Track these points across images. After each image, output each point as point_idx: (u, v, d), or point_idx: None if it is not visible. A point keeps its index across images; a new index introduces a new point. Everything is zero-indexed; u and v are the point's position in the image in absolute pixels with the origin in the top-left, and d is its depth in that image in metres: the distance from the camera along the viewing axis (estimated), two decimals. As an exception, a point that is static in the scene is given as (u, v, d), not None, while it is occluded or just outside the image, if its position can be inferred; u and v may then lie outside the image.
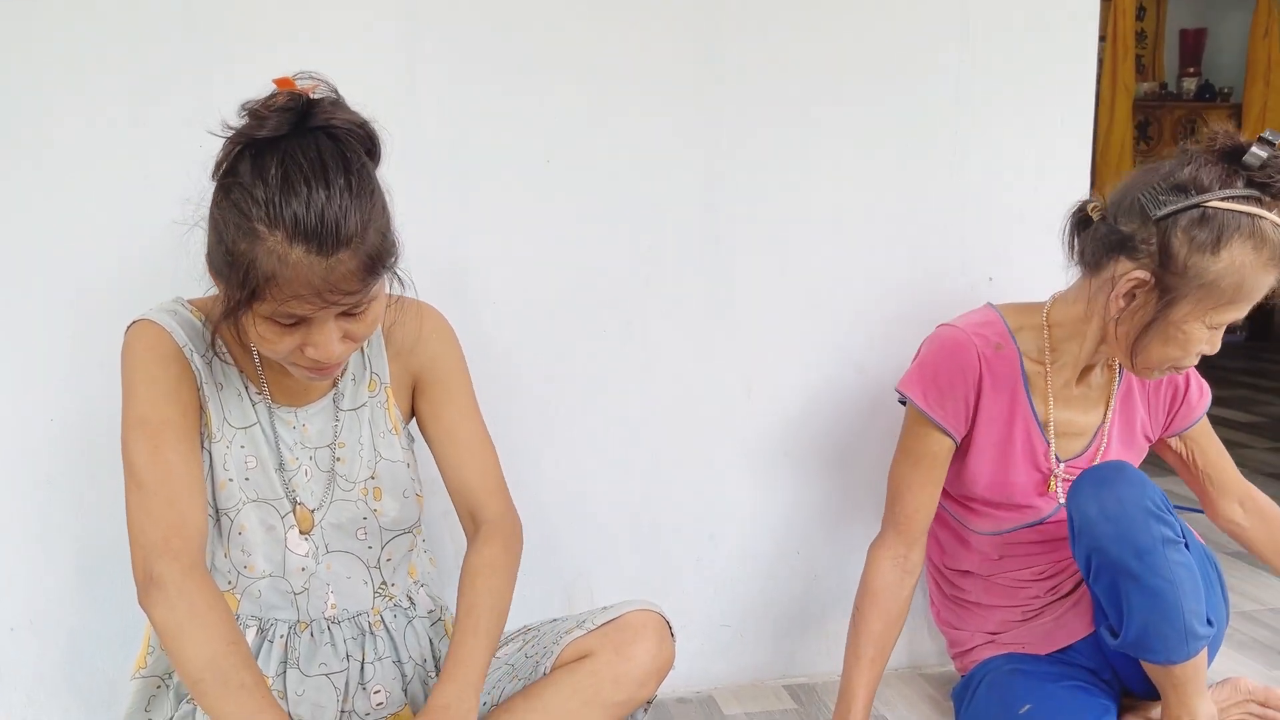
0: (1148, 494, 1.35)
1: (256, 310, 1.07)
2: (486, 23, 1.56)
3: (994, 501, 1.55)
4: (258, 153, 1.05)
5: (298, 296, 1.04)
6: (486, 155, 1.59)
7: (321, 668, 1.26)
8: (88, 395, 1.50)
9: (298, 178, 1.03)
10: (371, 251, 1.07)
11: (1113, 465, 1.41)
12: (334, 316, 1.09)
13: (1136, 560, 1.33)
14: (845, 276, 1.74)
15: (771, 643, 1.81)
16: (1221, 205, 1.33)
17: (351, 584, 1.29)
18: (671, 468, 1.73)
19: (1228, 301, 1.35)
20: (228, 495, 1.22)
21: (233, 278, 1.05)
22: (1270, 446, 3.50)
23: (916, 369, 1.54)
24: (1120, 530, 1.34)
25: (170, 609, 1.08)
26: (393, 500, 1.30)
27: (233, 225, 1.05)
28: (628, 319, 1.68)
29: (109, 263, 1.49)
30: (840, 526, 1.80)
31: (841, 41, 1.68)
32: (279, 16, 1.49)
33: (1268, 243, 1.33)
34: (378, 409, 1.31)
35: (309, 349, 1.10)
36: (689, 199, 1.67)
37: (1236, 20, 5.91)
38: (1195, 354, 1.41)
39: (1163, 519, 1.35)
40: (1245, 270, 1.33)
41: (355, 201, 1.05)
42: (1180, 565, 1.34)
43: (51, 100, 1.44)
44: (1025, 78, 1.75)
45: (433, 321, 1.34)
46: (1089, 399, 1.55)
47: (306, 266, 1.03)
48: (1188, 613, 1.34)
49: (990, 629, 1.63)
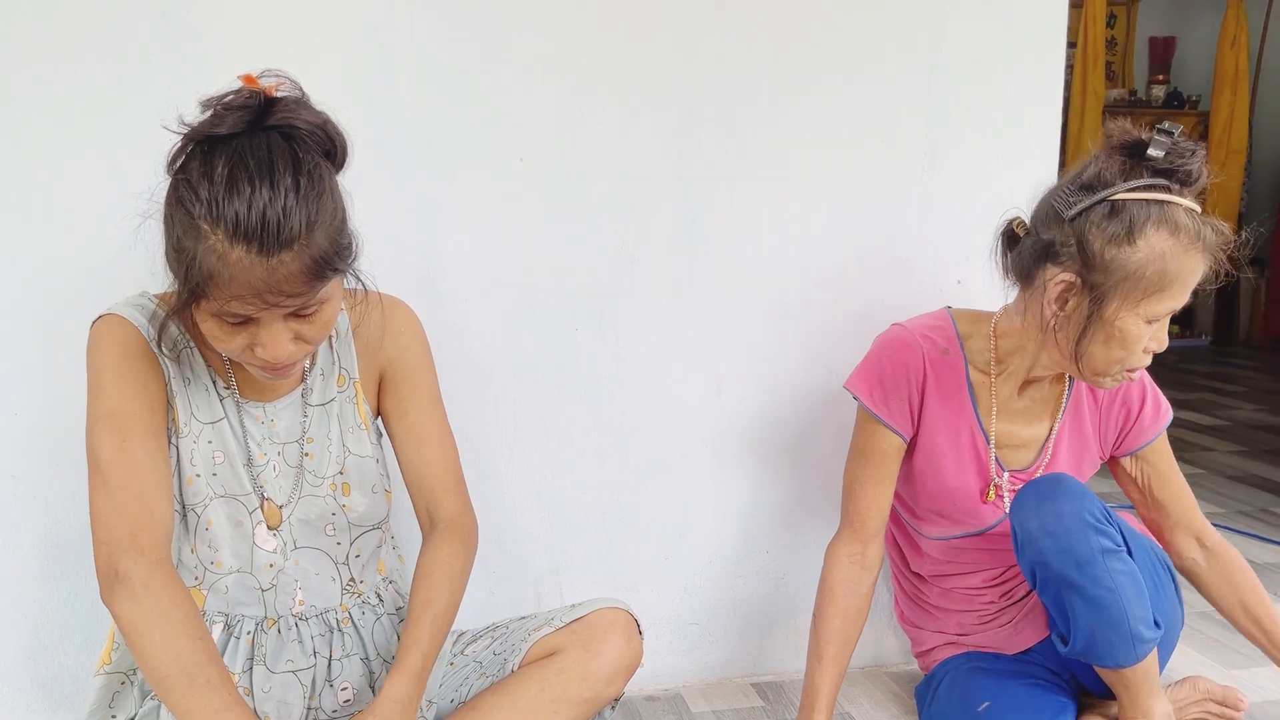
0: (1086, 506, 1.37)
1: (203, 308, 1.06)
2: (462, 17, 1.56)
3: (939, 509, 1.56)
4: (209, 150, 1.04)
5: (238, 297, 1.03)
6: (461, 151, 1.59)
7: (289, 665, 1.26)
8: (52, 389, 1.49)
9: (242, 177, 1.02)
10: (318, 254, 1.05)
11: (1051, 478, 1.42)
12: (282, 317, 1.08)
13: (1078, 572, 1.35)
14: (816, 277, 1.75)
15: (739, 640, 1.82)
16: (1129, 196, 1.34)
17: (320, 580, 1.28)
18: (642, 466, 1.74)
19: (1156, 291, 1.34)
20: (194, 491, 1.21)
21: (180, 273, 1.05)
22: (1233, 450, 3.55)
23: (862, 367, 1.55)
24: (1060, 544, 1.36)
25: (136, 605, 1.07)
26: (361, 496, 1.29)
27: (179, 222, 1.04)
28: (599, 318, 1.68)
29: (73, 256, 1.48)
30: (808, 526, 1.81)
31: (815, 46, 1.69)
32: (254, 5, 1.48)
33: (1183, 227, 1.33)
34: (347, 404, 1.30)
35: (258, 349, 1.09)
36: (662, 198, 1.68)
37: (1205, 29, 5.99)
38: (1140, 352, 1.39)
39: (1102, 530, 1.37)
40: (1167, 257, 1.33)
41: (301, 202, 1.03)
42: (1122, 574, 1.36)
43: (17, 92, 1.43)
44: (995, 82, 1.77)
45: (400, 316, 1.33)
46: (1033, 412, 1.54)
47: (246, 267, 1.02)
48: (1133, 619, 1.36)
49: (951, 631, 1.64)
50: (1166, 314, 1.37)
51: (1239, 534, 2.62)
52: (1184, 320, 6.24)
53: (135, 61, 1.46)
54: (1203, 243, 1.35)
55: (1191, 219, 1.34)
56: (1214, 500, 2.93)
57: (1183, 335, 6.11)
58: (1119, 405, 1.56)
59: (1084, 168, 1.39)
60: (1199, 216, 1.35)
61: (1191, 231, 1.33)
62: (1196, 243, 1.34)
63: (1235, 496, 2.98)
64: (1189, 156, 1.35)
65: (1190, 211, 1.34)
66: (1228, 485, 3.10)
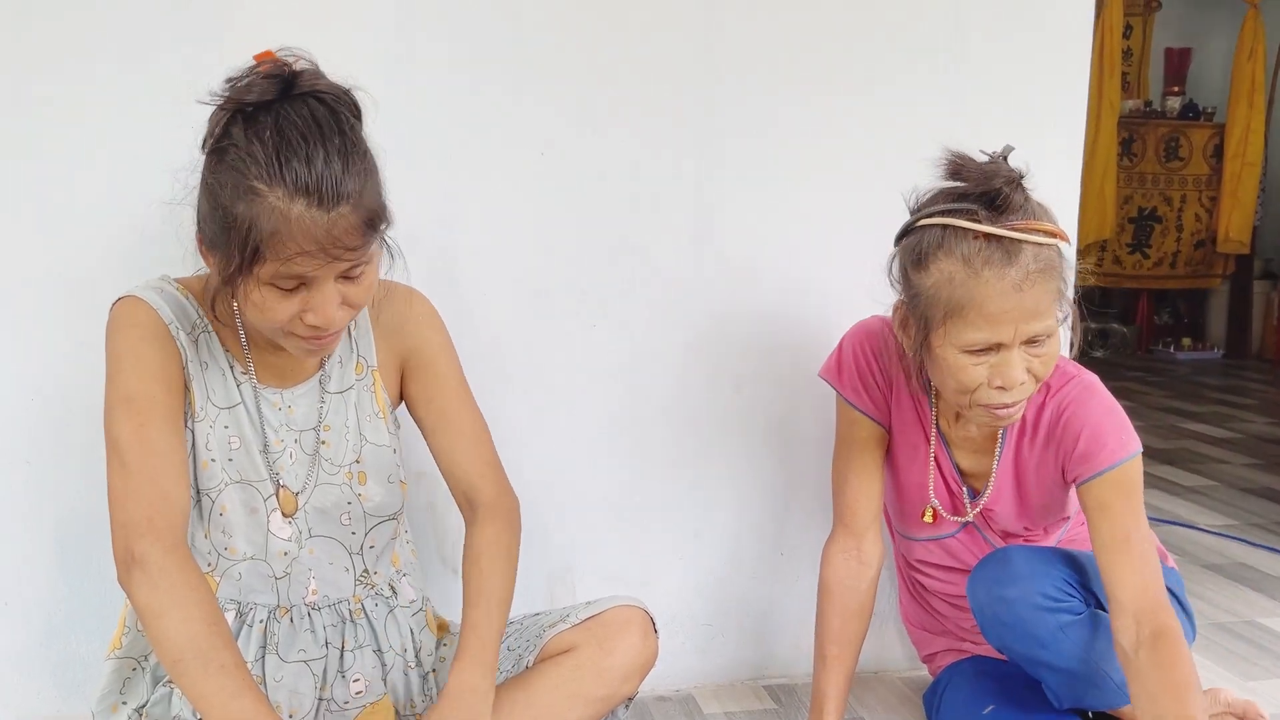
0: (1036, 587, 1.36)
1: (258, 274, 1.06)
2: (481, 14, 1.56)
3: (908, 509, 1.55)
4: (249, 117, 1.06)
5: (303, 253, 1.04)
6: (480, 144, 1.58)
7: (300, 654, 1.25)
8: (67, 375, 1.49)
9: (295, 137, 1.04)
10: (370, 207, 1.08)
11: (998, 559, 1.42)
12: (333, 279, 1.09)
13: (1042, 650, 1.37)
14: (836, 277, 1.74)
15: (753, 642, 1.81)
16: (923, 221, 1.30)
17: (333, 570, 1.28)
18: (657, 463, 1.73)
19: (954, 317, 1.26)
20: (209, 475, 1.21)
21: (232, 242, 1.05)
22: (1245, 462, 3.54)
23: (835, 355, 1.54)
24: (1017, 633, 1.38)
25: (152, 589, 1.07)
26: (377, 485, 1.29)
27: (230, 187, 1.05)
28: (617, 313, 1.67)
29: (89, 241, 1.48)
30: (825, 528, 1.78)
31: (836, 50, 1.69)
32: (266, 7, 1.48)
33: (972, 254, 1.24)
34: (364, 392, 1.30)
35: (308, 315, 1.10)
36: (681, 195, 1.67)
37: (1222, 41, 5.97)
38: (986, 388, 1.28)
39: (1056, 608, 1.36)
40: (955, 284, 1.25)
41: (352, 158, 1.06)
42: (1086, 641, 1.36)
43: (33, 78, 1.43)
44: (1017, 92, 1.76)
45: (420, 305, 1.34)
46: (972, 442, 1.48)
47: (309, 221, 1.04)
48: (1113, 670, 1.36)
49: (956, 633, 1.63)
50: (982, 344, 1.26)
51: (1252, 546, 2.61)
52: (1196, 333, 6.22)
53: (147, 55, 1.46)
54: (989, 262, 1.23)
55: (986, 245, 1.24)
56: (1226, 513, 2.91)
57: (1195, 348, 6.09)
58: (1058, 435, 1.41)
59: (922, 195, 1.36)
60: (991, 238, 1.24)
61: (973, 250, 1.24)
62: (983, 263, 1.23)
63: (1247, 509, 2.96)
64: (998, 181, 1.25)
65: (973, 232, 1.24)
66: (1240, 498, 3.08)
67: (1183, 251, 5.89)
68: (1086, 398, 1.40)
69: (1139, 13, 5.90)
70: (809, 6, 1.66)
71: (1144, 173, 5.78)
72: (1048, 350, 1.29)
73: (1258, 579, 2.38)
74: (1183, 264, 5.92)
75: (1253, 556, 2.54)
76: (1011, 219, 1.25)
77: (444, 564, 1.67)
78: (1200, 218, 5.85)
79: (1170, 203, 5.82)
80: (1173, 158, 5.79)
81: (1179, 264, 5.91)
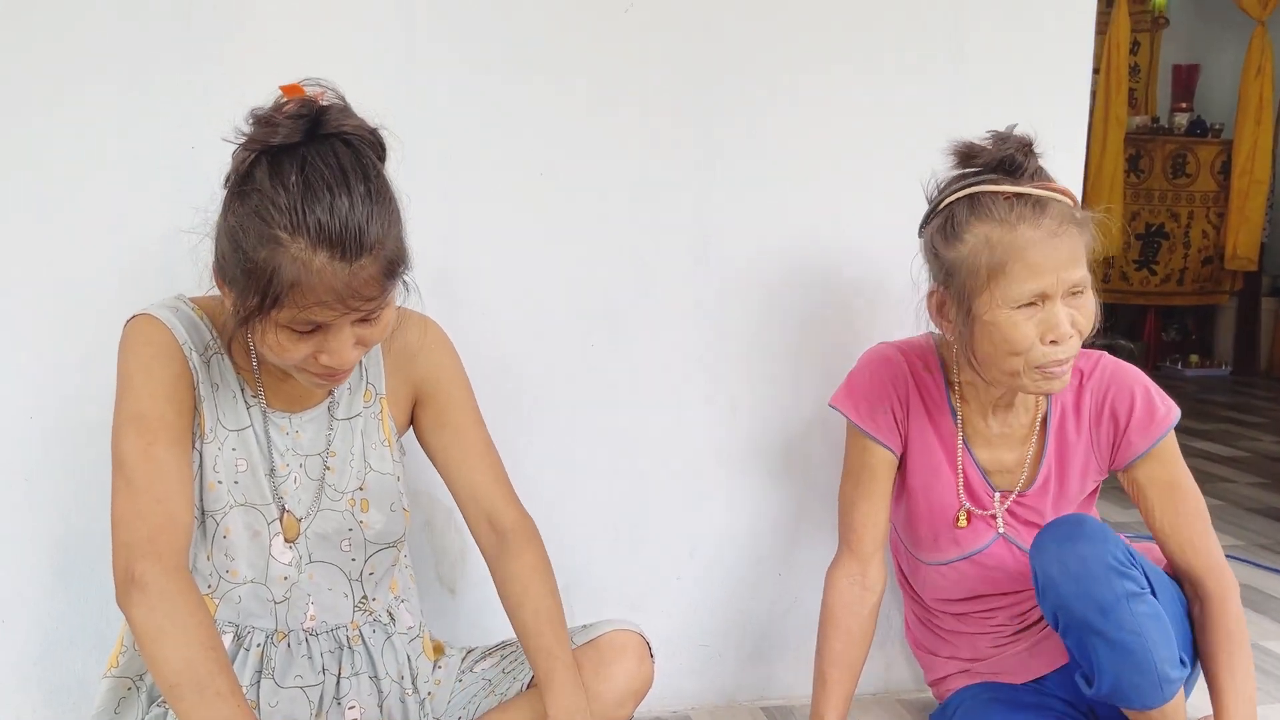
0: (1109, 549, 1.34)
1: (275, 318, 1.06)
2: (481, 38, 1.56)
3: (933, 531, 1.54)
4: (274, 159, 1.05)
5: (320, 303, 1.04)
6: (480, 164, 1.58)
7: (297, 680, 1.25)
8: (68, 393, 1.49)
9: (319, 184, 1.03)
10: (391, 256, 1.08)
11: (1072, 519, 1.39)
12: (350, 323, 1.09)
13: (1100, 617, 1.32)
14: (835, 298, 1.74)
15: (750, 664, 1.81)
16: (947, 198, 1.40)
17: (332, 596, 1.27)
18: (654, 483, 1.73)
19: (998, 275, 1.33)
20: (215, 497, 1.20)
21: (250, 286, 1.05)
22: (1253, 481, 3.52)
23: (846, 383, 1.55)
24: (1083, 588, 1.33)
25: (150, 610, 1.06)
26: (379, 513, 1.29)
27: (252, 233, 1.04)
28: (615, 332, 1.68)
29: (91, 260, 1.48)
30: (822, 549, 1.79)
31: (839, 65, 1.69)
32: (275, 21, 1.49)
33: (997, 209, 1.34)
34: (371, 420, 1.30)
35: (323, 356, 1.10)
36: (681, 216, 1.67)
37: (1229, 57, 5.96)
38: (1038, 344, 1.34)
39: (1125, 573, 1.34)
40: (992, 242, 1.33)
41: (375, 208, 1.05)
42: (1146, 617, 1.33)
43: (42, 101, 1.44)
44: (1019, 105, 1.75)
45: (433, 333, 1.34)
46: (1013, 435, 1.51)
47: (330, 274, 1.04)
48: (1160, 661, 1.33)
49: (965, 656, 1.62)
50: (1029, 296, 1.33)
51: (1257, 567, 2.59)
52: (1204, 350, 6.20)
53: (156, 79, 1.46)
54: (1023, 217, 1.33)
55: (1004, 200, 1.34)
56: (1232, 533, 2.89)
57: (1203, 365, 6.07)
58: (1107, 415, 1.49)
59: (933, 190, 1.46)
60: (1020, 195, 1.34)
61: (1005, 209, 1.33)
62: (1017, 218, 1.33)
63: (1254, 529, 2.94)
64: (1010, 147, 1.37)
65: (1001, 193, 1.34)
66: (1247, 517, 3.06)
67: (1190, 268, 5.87)
68: (1122, 371, 1.49)
69: (1146, 29, 5.90)
70: (815, 35, 1.67)
71: (1151, 189, 5.77)
72: (1087, 303, 1.36)
73: (1262, 601, 2.36)
74: (1190, 280, 5.90)
75: (1258, 578, 2.52)
76: (1031, 180, 1.36)
77: (440, 583, 1.67)
78: (1208, 234, 5.84)
79: (1178, 219, 5.81)
80: (1180, 174, 5.78)
81: (1186, 280, 5.89)
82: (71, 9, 1.43)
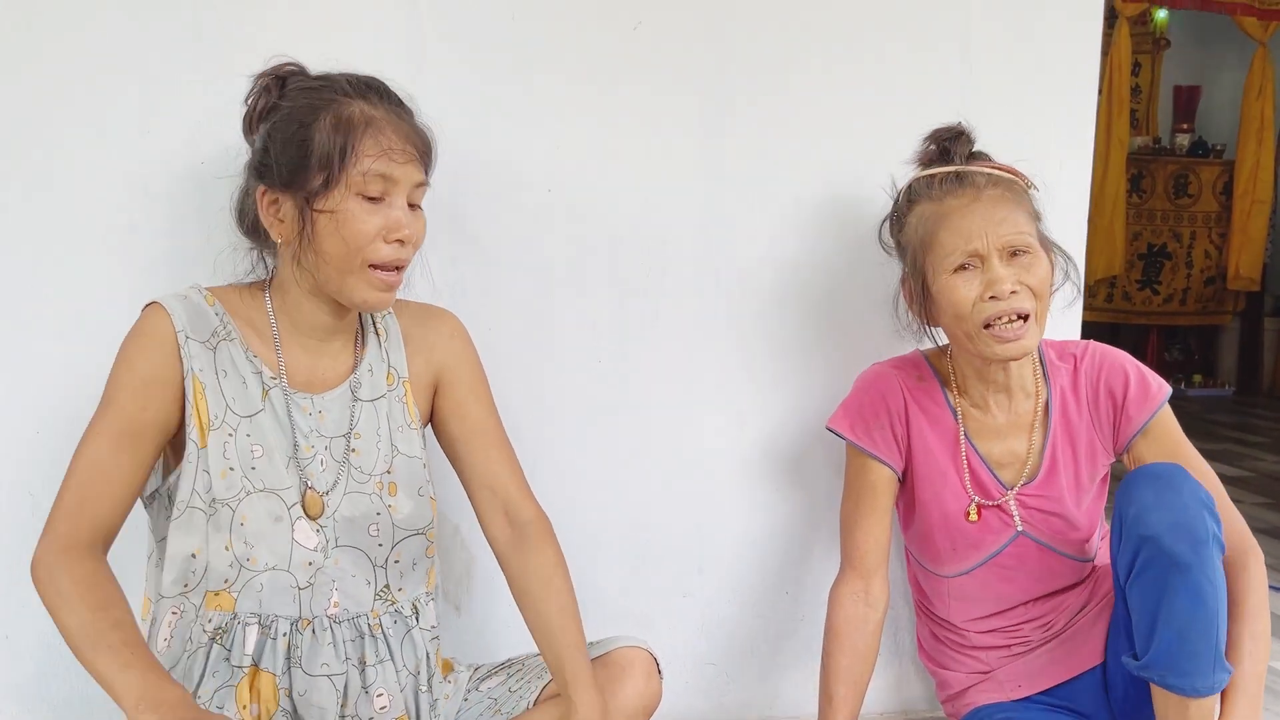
0: (1202, 491, 1.32)
1: (347, 181, 1.17)
2: (488, 56, 1.57)
3: (950, 539, 1.53)
4: (296, 74, 1.23)
5: (391, 148, 1.18)
6: (488, 180, 1.59)
7: (323, 668, 1.23)
8: (73, 408, 1.47)
9: (349, 75, 1.22)
10: (428, 136, 1.26)
11: (1167, 464, 1.37)
12: (409, 189, 1.21)
13: (1190, 550, 1.27)
14: (844, 313, 1.74)
15: (758, 682, 1.79)
16: (900, 197, 1.53)
17: (355, 583, 1.26)
18: (662, 501, 1.72)
19: (931, 242, 1.43)
20: (228, 485, 1.20)
21: (316, 152, 1.17)
22: (1257, 502, 3.51)
23: (843, 406, 1.57)
24: (1178, 518, 1.28)
25: (44, 587, 1.13)
26: (408, 498, 1.29)
27: (304, 111, 1.18)
28: (623, 348, 1.67)
29: (96, 275, 1.48)
30: (831, 567, 1.77)
31: (846, 83, 1.70)
32: (284, 32, 1.49)
33: (924, 189, 1.46)
34: (395, 402, 1.31)
35: (389, 233, 1.19)
36: (688, 231, 1.67)
37: (1230, 79, 5.98)
38: (975, 302, 1.40)
39: (1215, 517, 1.31)
40: (926, 215, 1.45)
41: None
42: (1220, 574, 1.30)
43: (48, 110, 1.44)
44: (1025, 126, 1.76)
45: (452, 323, 1.39)
46: (1016, 424, 1.52)
47: (393, 121, 1.20)
48: (1220, 630, 1.29)
49: (981, 668, 1.60)
50: (962, 257, 1.40)
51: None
52: (1207, 370, 6.20)
53: (166, 84, 1.47)
54: (948, 190, 1.44)
55: (944, 179, 1.45)
56: (1239, 552, 2.87)
57: (1206, 385, 6.06)
58: (1104, 394, 1.51)
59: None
60: (959, 173, 1.45)
61: (943, 189, 1.44)
62: (943, 192, 1.44)
63: (1265, 548, 2.92)
64: (942, 134, 1.49)
65: (929, 175, 1.47)
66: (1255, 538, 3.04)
67: (1193, 288, 5.87)
68: (1113, 352, 1.54)
69: (1148, 50, 5.92)
70: (824, 57, 1.68)
71: (1153, 209, 5.78)
72: (1036, 265, 1.41)
73: (1271, 622, 2.34)
74: (1193, 300, 5.90)
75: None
76: (963, 162, 1.47)
77: (446, 599, 1.66)
78: (1210, 254, 5.84)
79: (1180, 239, 5.82)
80: (1182, 194, 5.79)
81: (1189, 300, 5.90)
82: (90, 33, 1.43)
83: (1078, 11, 1.77)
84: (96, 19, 1.44)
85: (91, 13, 1.44)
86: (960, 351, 1.50)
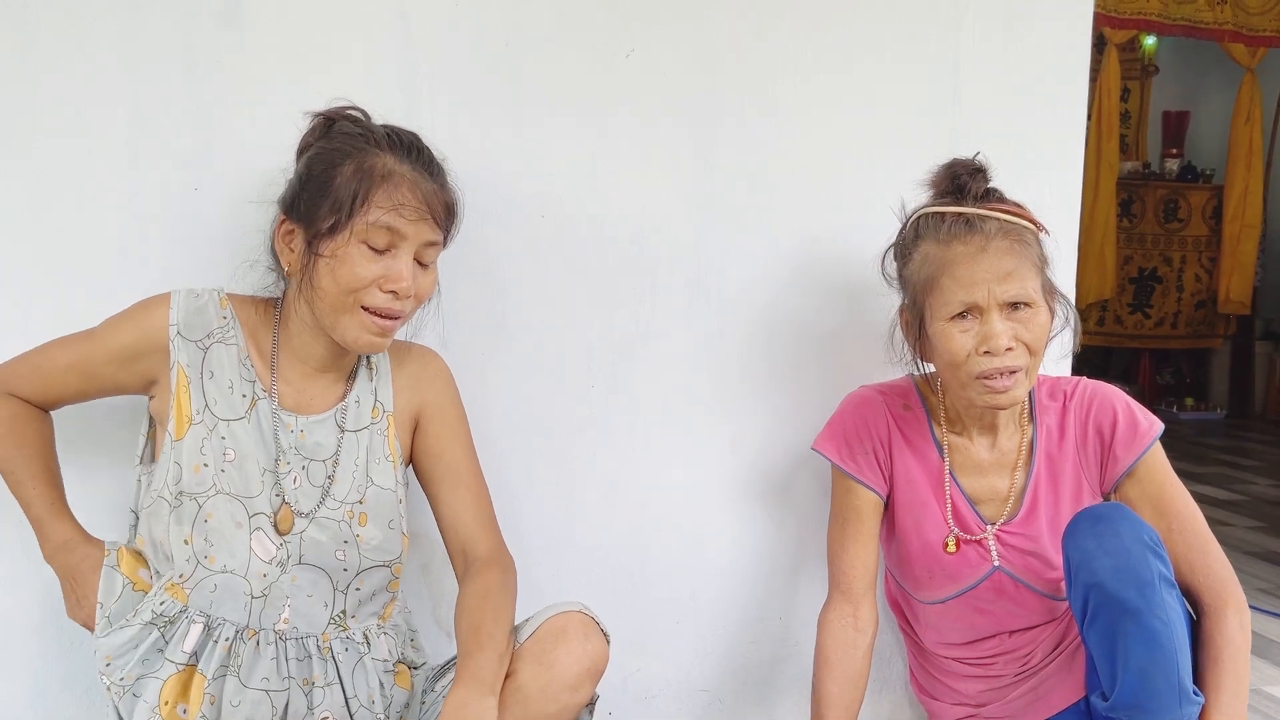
0: (1145, 531, 1.32)
1: (354, 227, 1.19)
2: (481, 77, 1.58)
3: (927, 567, 1.52)
4: (347, 119, 1.28)
5: (403, 204, 1.21)
6: (480, 203, 1.59)
7: (263, 682, 1.24)
8: (69, 432, 1.48)
9: (390, 130, 1.27)
10: (451, 200, 1.29)
11: (1108, 505, 1.38)
12: (416, 248, 1.24)
13: (1137, 594, 1.28)
14: (833, 338, 1.74)
15: (751, 709, 1.79)
16: (905, 223, 1.49)
17: (311, 603, 1.28)
18: (653, 526, 1.72)
19: (933, 288, 1.40)
20: (200, 480, 1.24)
21: (334, 194, 1.20)
22: (1250, 525, 3.51)
23: (828, 427, 1.57)
24: (1120, 564, 1.29)
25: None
26: (377, 529, 1.30)
27: (335, 154, 1.23)
28: (613, 374, 1.67)
29: (99, 290, 1.47)
30: (823, 594, 1.77)
31: (836, 108, 1.71)
32: (278, 58, 1.50)
33: (932, 227, 1.42)
34: (377, 435, 1.33)
35: (386, 282, 1.22)
36: (681, 258, 1.68)
37: (1219, 104, 6.03)
38: (970, 354, 1.38)
39: (1160, 555, 1.31)
40: (930, 257, 1.41)
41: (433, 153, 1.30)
42: (1173, 609, 1.30)
43: (42, 137, 1.44)
44: (1015, 151, 1.77)
45: (437, 362, 1.41)
46: (1002, 461, 1.51)
47: (415, 180, 1.24)
48: (1182, 667, 1.29)
49: (966, 701, 1.60)
50: (960, 307, 1.38)
51: (1257, 611, 2.57)
52: (1198, 393, 6.21)
53: (164, 123, 1.47)
54: (956, 234, 1.39)
55: (955, 222, 1.40)
56: (1232, 576, 2.87)
57: (1197, 408, 6.08)
58: (1093, 433, 1.50)
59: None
60: (957, 215, 1.40)
61: (951, 233, 1.40)
62: (950, 235, 1.40)
63: (1252, 572, 2.93)
64: (958, 169, 1.45)
65: (940, 213, 1.42)
66: (1244, 561, 3.05)
67: (1184, 312, 5.90)
68: (1103, 389, 1.53)
69: (1137, 76, 5.98)
70: (812, 86, 1.69)
71: (1144, 233, 5.81)
72: (1035, 320, 1.38)
73: (1262, 645, 2.35)
74: (1184, 324, 5.93)
75: (1258, 623, 2.49)
76: (978, 202, 1.42)
77: (438, 626, 1.66)
78: (1200, 278, 5.87)
79: (1170, 263, 5.85)
80: (1172, 219, 5.83)
81: (1180, 324, 5.92)
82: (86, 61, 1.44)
83: (1067, 38, 1.79)
84: (86, 52, 1.44)
85: (81, 46, 1.44)
86: (949, 389, 1.49)
